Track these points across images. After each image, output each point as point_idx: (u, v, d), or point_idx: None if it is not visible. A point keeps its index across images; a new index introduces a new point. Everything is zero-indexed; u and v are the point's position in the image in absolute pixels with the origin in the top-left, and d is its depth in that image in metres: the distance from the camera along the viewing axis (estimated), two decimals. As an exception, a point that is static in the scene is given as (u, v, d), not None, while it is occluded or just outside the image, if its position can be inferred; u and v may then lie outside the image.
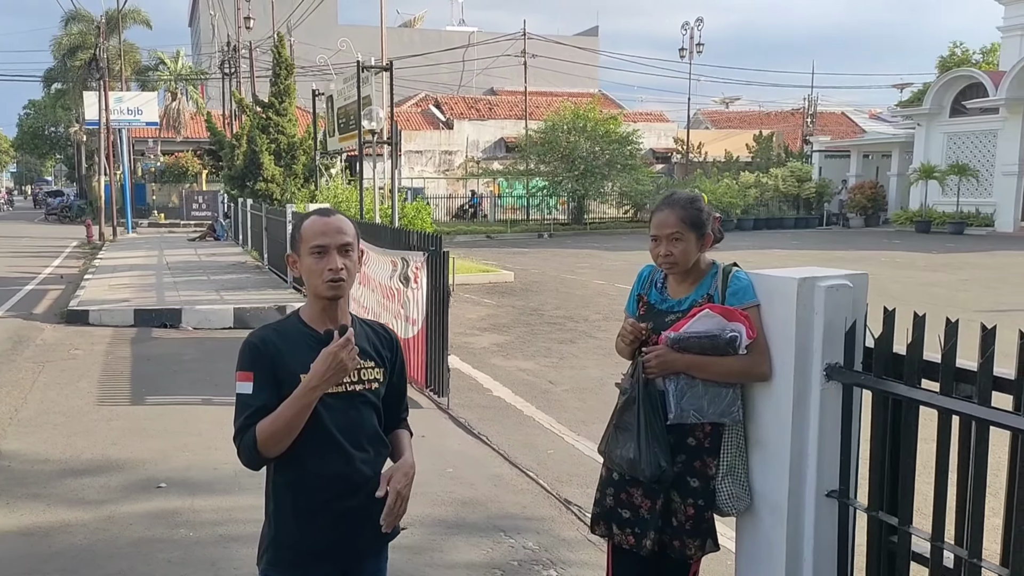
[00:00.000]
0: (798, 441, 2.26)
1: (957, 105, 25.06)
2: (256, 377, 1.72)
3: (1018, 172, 23.21)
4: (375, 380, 1.85)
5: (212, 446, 4.91)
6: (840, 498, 2.26)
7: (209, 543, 3.57)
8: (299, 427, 1.70)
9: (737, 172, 29.79)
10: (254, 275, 13.00)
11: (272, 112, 15.49)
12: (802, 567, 2.30)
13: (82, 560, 3.42)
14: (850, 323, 2.23)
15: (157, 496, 4.13)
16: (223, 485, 4.27)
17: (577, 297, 11.49)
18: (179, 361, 7.49)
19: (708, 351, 2.18)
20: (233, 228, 21.06)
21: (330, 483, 1.76)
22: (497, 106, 36.19)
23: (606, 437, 2.37)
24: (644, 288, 2.45)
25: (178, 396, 6.18)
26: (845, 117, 44.08)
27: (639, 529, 2.31)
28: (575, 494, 4.18)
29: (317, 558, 1.78)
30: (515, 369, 7.13)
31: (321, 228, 1.77)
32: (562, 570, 3.33)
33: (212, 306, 9.47)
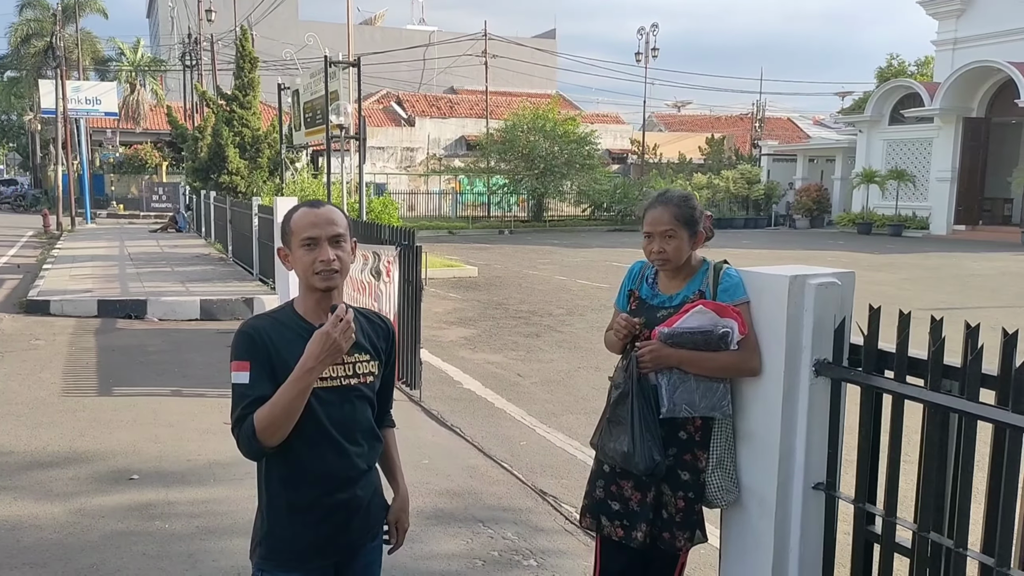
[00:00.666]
0: (787, 435, 2.27)
1: (896, 113, 25.75)
2: (252, 367, 1.65)
3: (950, 178, 24.02)
4: (370, 374, 1.79)
5: (184, 438, 4.76)
6: (827, 490, 2.28)
7: (185, 536, 3.45)
8: (297, 412, 1.63)
9: (690, 174, 30.25)
10: (219, 267, 12.64)
11: (236, 105, 15.07)
12: (788, 557, 2.31)
13: (53, 554, 3.26)
14: (839, 320, 2.24)
15: (130, 488, 3.98)
16: (197, 477, 4.14)
17: (540, 292, 11.50)
18: (146, 352, 7.23)
19: (701, 346, 2.18)
20: (195, 220, 20.47)
21: (324, 477, 1.72)
22: (458, 105, 35.99)
23: (599, 431, 2.35)
24: (635, 283, 2.43)
25: (146, 387, 5.97)
26: (791, 123, 45.12)
27: (628, 521, 2.30)
28: (550, 485, 4.18)
29: (311, 551, 1.74)
30: (483, 362, 7.10)
31: (311, 220, 1.70)
32: (542, 559, 3.32)
33: (178, 297, 9.17)
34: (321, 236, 1.69)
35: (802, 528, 2.29)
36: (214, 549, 3.32)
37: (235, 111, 15.10)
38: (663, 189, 2.49)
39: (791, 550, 2.30)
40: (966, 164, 23.97)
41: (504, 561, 3.29)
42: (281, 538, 1.74)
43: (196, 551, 3.30)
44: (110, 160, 33.31)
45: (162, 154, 33.26)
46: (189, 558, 3.24)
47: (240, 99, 15.06)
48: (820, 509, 2.29)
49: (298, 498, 1.72)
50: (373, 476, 1.84)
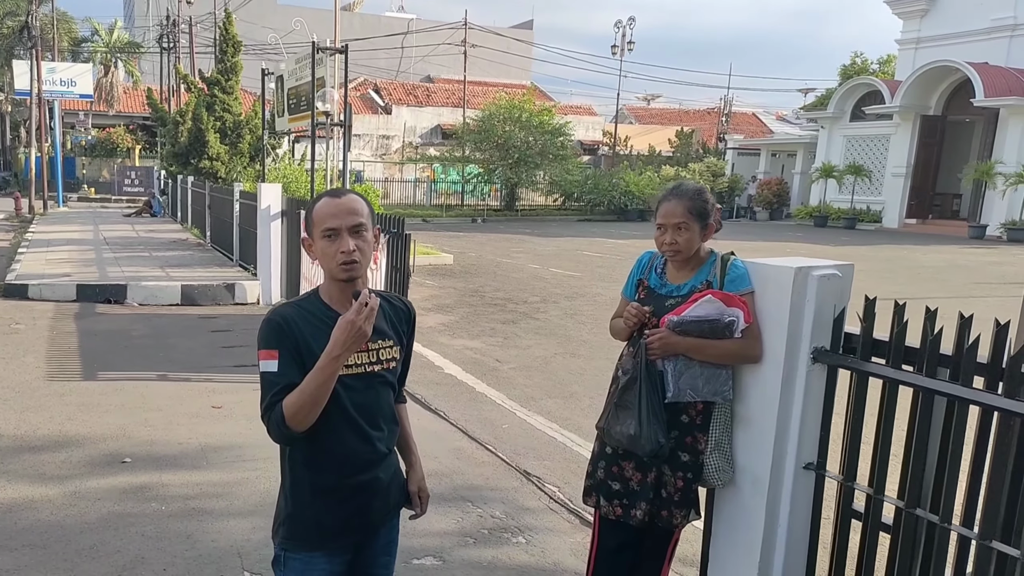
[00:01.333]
0: (783, 418, 2.34)
1: (857, 110, 26.15)
2: (281, 355, 1.65)
3: (905, 174, 24.54)
4: (392, 359, 1.80)
5: (174, 422, 4.74)
6: (817, 470, 2.36)
7: (182, 516, 3.46)
8: (325, 398, 1.64)
9: (659, 166, 30.48)
10: (197, 252, 12.44)
11: (218, 89, 14.74)
12: (776, 533, 2.40)
13: (52, 535, 3.25)
14: (839, 310, 2.31)
15: (123, 471, 3.96)
16: (190, 460, 4.14)
17: (515, 280, 11.56)
18: (128, 337, 7.13)
19: (707, 334, 2.22)
20: (171, 205, 20.04)
21: (347, 461, 1.74)
22: (435, 93, 35.69)
23: (606, 414, 2.39)
24: (644, 273, 2.46)
25: (132, 372, 5.90)
26: (756, 118, 45.67)
27: (628, 500, 2.36)
28: (533, 466, 4.26)
29: (334, 532, 1.77)
30: (462, 348, 7.15)
31: (332, 210, 1.69)
32: (530, 536, 3.41)
33: (158, 282, 9.02)
34: (341, 227, 1.67)
35: (792, 506, 2.37)
36: (211, 530, 3.34)
37: (217, 95, 14.77)
38: (677, 182, 2.50)
39: (780, 526, 2.39)
40: (921, 160, 24.49)
41: (494, 539, 3.37)
42: (304, 519, 1.75)
43: (194, 532, 3.32)
44: (82, 143, 32.35)
45: (135, 137, 32.41)
46: (187, 539, 3.26)
47: (222, 83, 14.72)
48: (809, 488, 2.38)
49: (321, 480, 1.73)
50: (393, 459, 1.87)
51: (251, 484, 3.84)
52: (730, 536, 2.52)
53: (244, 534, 3.31)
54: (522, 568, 3.12)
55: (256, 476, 3.93)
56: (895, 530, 2.15)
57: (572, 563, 3.16)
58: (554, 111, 27.82)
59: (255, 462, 4.12)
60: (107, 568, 3.00)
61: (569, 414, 5.27)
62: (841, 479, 2.29)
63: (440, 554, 3.20)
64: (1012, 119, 22.04)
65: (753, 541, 2.42)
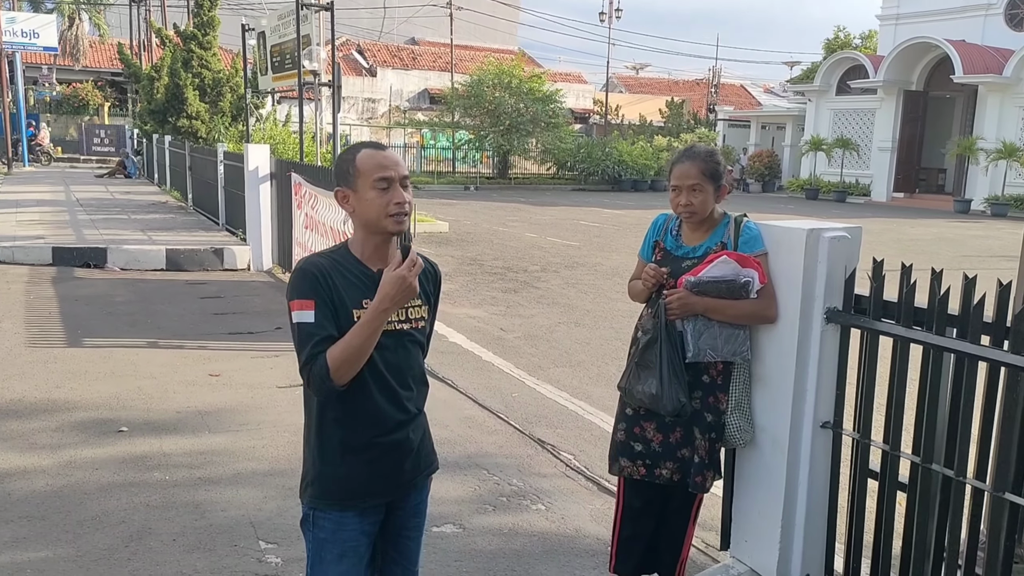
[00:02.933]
0: (800, 378, 2.42)
1: (843, 84, 26.47)
2: (318, 305, 1.63)
3: (891, 148, 24.89)
4: (421, 319, 1.80)
5: (169, 389, 4.63)
6: (834, 428, 2.44)
7: (188, 485, 3.38)
8: (368, 352, 1.63)
9: (651, 136, 30.35)
10: (180, 215, 12.18)
11: (195, 44, 14.29)
12: (797, 491, 2.47)
13: (50, 506, 3.16)
14: (849, 271, 2.39)
15: (120, 440, 3.86)
16: (190, 428, 4.05)
17: (512, 249, 11.47)
18: (111, 303, 6.97)
19: (724, 295, 2.29)
20: (147, 166, 19.60)
21: (377, 420, 1.72)
22: (421, 56, 35.06)
23: (627, 374, 2.44)
24: (660, 235, 2.51)
25: (119, 338, 5.76)
26: (744, 89, 45.62)
27: (650, 461, 2.41)
28: (546, 434, 4.24)
29: (364, 491, 1.76)
30: (465, 316, 7.08)
31: (382, 161, 1.69)
32: (549, 503, 3.38)
33: (141, 246, 8.81)
34: (394, 177, 1.67)
35: (811, 464, 2.45)
36: (221, 499, 3.26)
37: (194, 51, 14.32)
38: (689, 144, 2.57)
39: (800, 484, 2.46)
40: (905, 135, 24.90)
41: (513, 506, 3.34)
42: (334, 478, 1.74)
43: (202, 501, 3.24)
44: (45, 99, 31.40)
45: (104, 94, 31.55)
46: (196, 508, 3.18)
47: (199, 38, 14.26)
48: (827, 446, 2.47)
49: (352, 439, 1.72)
50: (423, 420, 1.86)
51: (258, 452, 3.77)
52: (752, 496, 2.58)
53: (255, 503, 3.24)
54: (543, 534, 3.11)
55: (263, 444, 3.86)
56: (911, 486, 2.22)
57: (593, 529, 3.16)
58: (544, 78, 27.49)
59: (260, 429, 4.04)
60: (113, 539, 2.92)
61: (578, 383, 5.25)
62: (857, 436, 2.36)
63: (459, 521, 3.17)
64: (990, 96, 22.56)
65: (775, 500, 2.49)
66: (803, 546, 2.49)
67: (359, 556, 1.78)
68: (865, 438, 2.35)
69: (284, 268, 8.58)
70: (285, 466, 3.62)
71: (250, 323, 6.37)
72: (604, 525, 3.17)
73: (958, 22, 24.44)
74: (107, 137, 27.74)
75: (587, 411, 4.64)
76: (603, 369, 5.55)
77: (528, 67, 28.83)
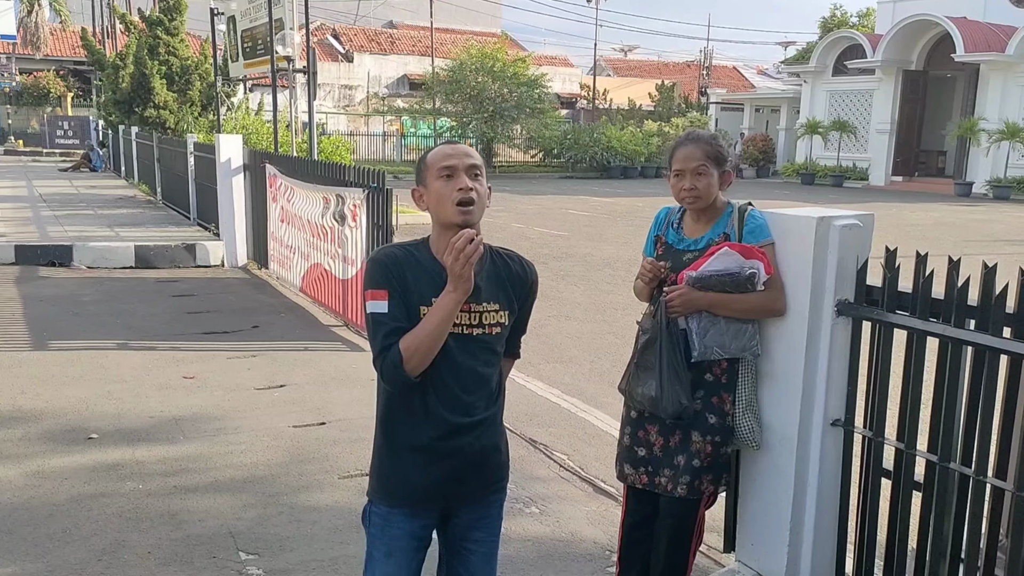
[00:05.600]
0: (809, 374, 2.38)
1: (839, 64, 26.39)
2: (391, 295, 1.68)
3: (889, 130, 24.85)
4: (497, 324, 1.75)
5: (142, 394, 4.56)
6: (845, 426, 2.41)
7: (163, 495, 3.32)
8: (441, 340, 1.66)
9: (641, 120, 30.34)
10: (148, 210, 12.02)
11: (161, 30, 14.07)
12: (806, 492, 2.44)
13: (17, 519, 3.09)
14: (861, 261, 2.34)
15: (91, 448, 3.79)
16: (165, 435, 3.99)
17: (499, 240, 11.22)
18: (79, 303, 6.86)
19: (729, 288, 2.24)
20: (113, 159, 19.33)
21: (436, 423, 1.73)
22: (399, 40, 34.80)
23: (627, 376, 2.39)
24: (661, 229, 2.47)
25: (87, 340, 5.67)
26: (736, 71, 45.67)
27: (652, 468, 2.36)
28: (538, 433, 4.21)
29: (418, 493, 1.78)
30: (450, 312, 7.04)
31: (448, 151, 1.74)
32: (543, 506, 3.36)
33: (109, 243, 8.68)
34: (459, 165, 1.70)
35: (821, 463, 2.42)
36: (198, 509, 3.21)
37: (160, 37, 14.10)
38: (690, 129, 2.54)
39: (810, 484, 2.44)
40: (904, 116, 24.87)
41: (507, 510, 3.29)
42: (390, 476, 1.79)
43: (178, 511, 3.18)
44: (5, 90, 30.88)
45: (67, 84, 31.06)
46: (172, 519, 3.13)
47: (165, 24, 14.04)
48: (838, 445, 2.43)
49: (406, 438, 1.75)
50: (491, 430, 1.81)
51: (236, 458, 3.72)
52: (760, 497, 2.55)
53: (235, 512, 3.19)
54: (539, 539, 3.09)
55: (241, 450, 3.81)
56: (926, 486, 2.20)
57: (590, 532, 3.14)
58: (529, 61, 27.38)
59: (238, 434, 3.99)
60: (84, 553, 2.86)
61: (570, 379, 5.23)
62: (870, 435, 2.33)
63: (452, 530, 3.14)
64: (992, 75, 22.52)
65: (783, 502, 2.46)
66: (812, 549, 2.47)
67: (408, 559, 1.79)
68: (879, 436, 2.32)
69: (260, 264, 8.49)
70: (265, 472, 3.57)
71: (226, 322, 6.30)
72: (601, 528, 3.16)
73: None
74: (71, 129, 27.30)
75: (580, 409, 4.62)
76: (596, 364, 5.54)
77: (512, 50, 28.73)
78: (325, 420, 4.24)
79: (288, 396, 4.60)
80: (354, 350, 5.68)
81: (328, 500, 3.32)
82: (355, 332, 6.08)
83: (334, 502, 3.30)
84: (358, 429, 4.10)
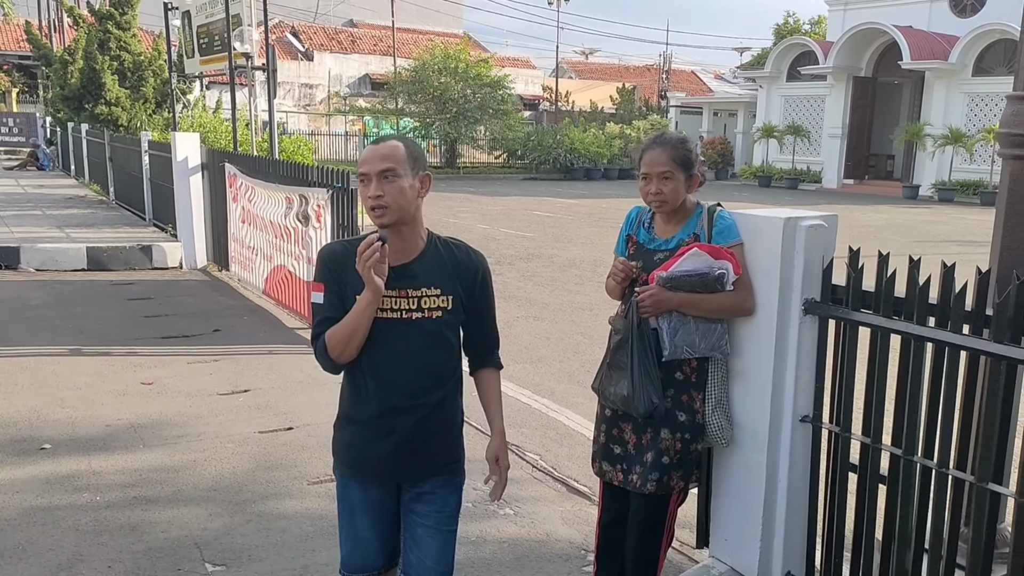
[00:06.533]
0: (779, 371, 2.42)
1: (793, 70, 27.17)
2: (327, 287, 1.83)
3: (841, 135, 25.66)
4: (438, 308, 1.84)
5: (97, 401, 4.41)
6: (814, 422, 2.46)
7: (123, 506, 3.21)
8: (358, 333, 1.78)
9: (603, 123, 30.58)
10: (100, 211, 11.65)
11: (112, 25, 13.64)
12: (777, 488, 2.48)
13: (-35, 535, 2.95)
14: (827, 261, 2.39)
15: (44, 459, 3.64)
16: (122, 443, 3.85)
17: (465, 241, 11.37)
18: (27, 307, 6.61)
19: (698, 288, 2.27)
20: (61, 157, 18.72)
21: (375, 402, 1.83)
22: (360, 40, 34.47)
23: (600, 375, 2.42)
24: (632, 229, 2.49)
25: (37, 346, 5.46)
26: (695, 76, 46.41)
27: (626, 465, 2.38)
28: (510, 434, 4.09)
29: (365, 467, 1.90)
30: (417, 314, 6.97)
31: (366, 156, 1.80)
32: (517, 507, 3.34)
33: (59, 244, 8.38)
34: (371, 172, 1.77)
35: (791, 459, 2.46)
36: (160, 520, 3.10)
37: (111, 32, 13.66)
38: (660, 131, 2.54)
39: (780, 480, 2.48)
40: (855, 121, 25.69)
41: (480, 512, 3.28)
42: (337, 442, 1.95)
43: (139, 523, 3.08)
44: (-55, 86, 29.68)
45: (11, 79, 29.97)
46: (132, 531, 3.02)
47: (116, 18, 13.61)
48: (807, 440, 2.48)
49: (353, 414, 1.89)
50: (436, 414, 1.87)
51: (200, 467, 3.61)
52: (731, 493, 2.59)
53: (200, 522, 3.09)
54: (514, 540, 3.07)
55: (205, 457, 3.70)
56: (891, 478, 2.25)
57: (565, 532, 3.14)
58: (492, 63, 27.38)
59: (201, 441, 3.88)
60: (40, 569, 2.74)
61: (540, 379, 5.22)
62: (837, 430, 2.39)
63: (425, 534, 3.09)
64: (937, 82, 23.45)
65: (755, 497, 2.50)
66: (784, 543, 2.51)
67: (370, 519, 1.92)
68: (846, 431, 2.37)
69: (220, 265, 8.29)
70: (231, 480, 3.48)
71: (185, 325, 6.13)
72: (576, 528, 3.15)
73: (905, 8, 25.24)
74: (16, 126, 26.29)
75: (551, 409, 4.61)
76: (565, 364, 5.54)
77: (474, 52, 28.68)
78: (292, 425, 4.15)
79: (253, 401, 4.50)
80: (319, 353, 5.58)
81: (297, 507, 3.24)
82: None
83: (304, 509, 3.22)
84: (326, 434, 3.95)
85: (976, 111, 22.85)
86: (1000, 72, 21.87)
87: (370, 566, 1.96)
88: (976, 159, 22.13)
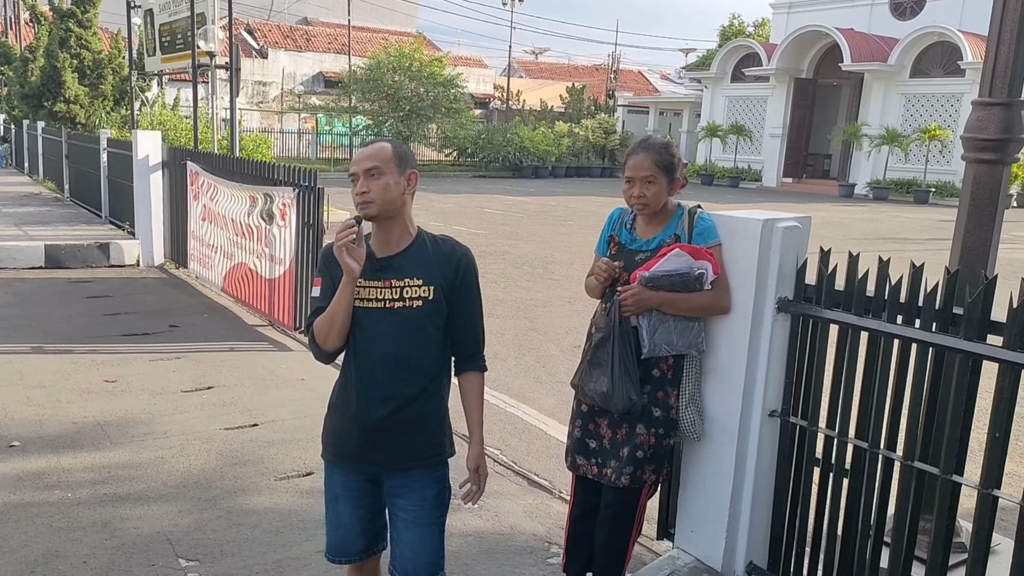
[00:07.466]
0: (751, 368, 2.43)
1: (738, 72, 27.37)
2: (323, 281, 1.87)
3: (781, 134, 26.04)
4: (419, 298, 1.83)
5: (63, 399, 4.29)
6: (783, 416, 2.47)
7: (94, 503, 3.15)
8: (339, 322, 1.81)
9: (552, 122, 30.67)
10: (57, 208, 11.18)
11: (73, 23, 13.05)
12: (744, 479, 2.51)
13: (-66, 536, 2.87)
14: (801, 261, 2.42)
15: (12, 457, 3.54)
16: (90, 440, 3.77)
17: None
18: (-14, 305, 6.34)
19: (679, 288, 2.26)
20: (15, 154, 17.85)
21: (357, 392, 1.85)
22: (315, 38, 33.73)
23: (579, 372, 2.41)
24: (614, 229, 2.47)
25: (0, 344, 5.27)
26: (642, 76, 46.87)
27: (601, 459, 2.38)
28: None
29: (345, 454, 1.91)
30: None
31: (355, 157, 1.86)
32: (481, 501, 3.33)
33: (16, 242, 8.03)
34: (358, 171, 1.81)
35: (758, 452, 2.48)
36: (132, 516, 3.07)
37: (72, 30, 13.07)
38: (645, 136, 2.51)
39: (748, 472, 2.50)
40: (795, 121, 26.07)
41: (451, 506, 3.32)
42: (324, 434, 1.97)
43: (111, 519, 3.03)
44: None
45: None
46: (105, 527, 2.97)
47: (78, 16, 13.02)
48: (775, 434, 2.49)
49: (339, 403, 1.91)
50: (416, 406, 1.85)
51: (167, 463, 3.56)
52: (700, 486, 2.60)
53: (171, 518, 3.07)
54: (478, 533, 3.09)
55: (172, 454, 3.65)
56: (855, 471, 2.28)
57: (529, 525, 3.16)
58: (445, 62, 27.16)
59: (168, 439, 3.82)
60: (15, 565, 2.68)
61: (496, 375, 5.25)
62: (804, 424, 2.41)
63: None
64: (875, 83, 23.85)
65: (723, 489, 2.52)
66: (748, 535, 2.52)
67: (352, 505, 1.93)
68: (812, 425, 2.37)
69: (177, 263, 8.08)
70: (199, 477, 3.44)
71: (145, 323, 5.98)
72: (539, 521, 3.18)
73: (846, 11, 25.42)
74: (-33, 121, 24.93)
75: (509, 404, 4.63)
76: (521, 360, 5.60)
77: (428, 51, 28.41)
78: (257, 421, 4.12)
79: (217, 398, 4.44)
80: (282, 350, 5.53)
81: (266, 503, 3.23)
82: (281, 332, 5.92)
83: (273, 504, 3.21)
84: (292, 430, 4.01)
85: (912, 112, 23.13)
86: (937, 74, 22.22)
87: (351, 550, 1.97)
88: (911, 159, 22.45)
